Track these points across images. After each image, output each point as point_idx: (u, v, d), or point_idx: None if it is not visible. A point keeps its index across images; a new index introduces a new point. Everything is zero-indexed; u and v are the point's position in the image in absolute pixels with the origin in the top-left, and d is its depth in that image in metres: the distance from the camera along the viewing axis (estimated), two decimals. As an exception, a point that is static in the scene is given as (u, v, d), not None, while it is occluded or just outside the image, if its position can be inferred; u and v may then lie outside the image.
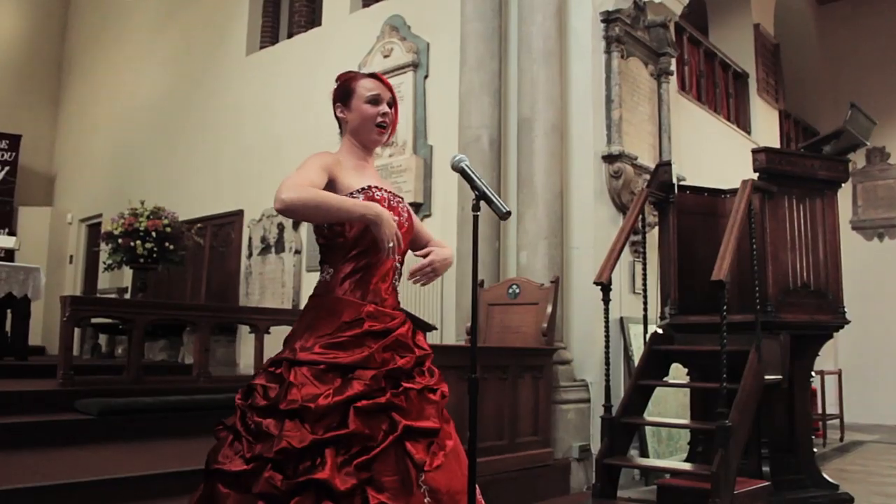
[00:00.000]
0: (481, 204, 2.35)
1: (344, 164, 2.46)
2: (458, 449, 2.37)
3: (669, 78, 7.19)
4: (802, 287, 5.27)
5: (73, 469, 4.22)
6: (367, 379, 2.24)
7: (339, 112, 2.54)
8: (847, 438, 9.13)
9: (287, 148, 8.60)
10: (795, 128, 11.57)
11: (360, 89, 2.51)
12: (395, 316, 2.44)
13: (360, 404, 2.20)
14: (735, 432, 4.39)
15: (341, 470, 2.11)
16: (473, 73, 6.28)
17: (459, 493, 2.23)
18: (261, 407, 2.28)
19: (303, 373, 2.26)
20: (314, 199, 2.25)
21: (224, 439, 2.35)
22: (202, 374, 6.64)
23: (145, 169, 11.06)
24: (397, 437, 2.19)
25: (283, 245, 8.30)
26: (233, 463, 2.24)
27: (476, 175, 2.37)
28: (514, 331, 5.55)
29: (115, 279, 10.86)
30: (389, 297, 2.47)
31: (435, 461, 2.23)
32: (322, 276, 2.50)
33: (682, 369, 5.78)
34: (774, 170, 5.25)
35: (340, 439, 2.15)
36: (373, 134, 2.52)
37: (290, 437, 2.15)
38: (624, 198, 6.25)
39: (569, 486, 5.51)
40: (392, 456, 2.18)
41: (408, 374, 2.33)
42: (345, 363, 2.27)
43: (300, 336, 2.39)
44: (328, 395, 2.20)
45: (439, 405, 2.37)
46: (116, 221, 8.15)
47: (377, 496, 2.10)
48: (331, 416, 2.18)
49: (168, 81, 11.03)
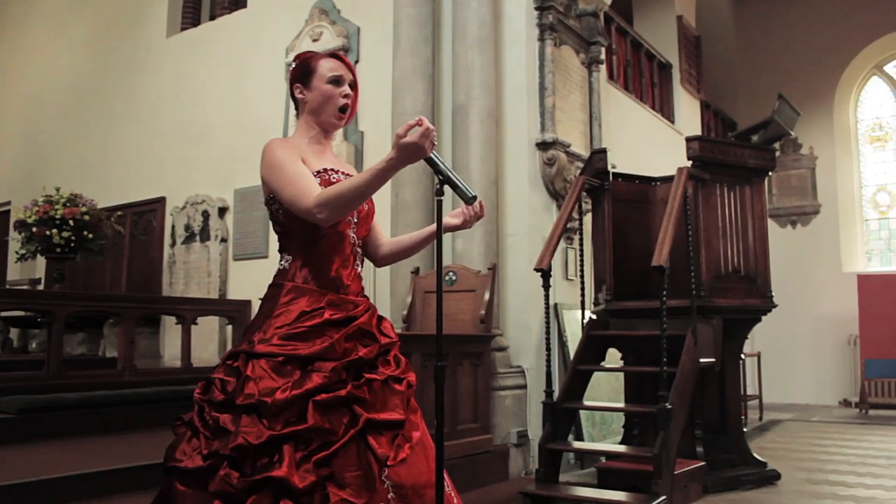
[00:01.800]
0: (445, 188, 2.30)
1: (303, 149, 2.38)
2: (426, 440, 2.30)
3: (600, 67, 7.26)
4: (733, 272, 5.43)
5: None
6: (327, 371, 2.15)
7: (297, 92, 2.43)
8: (765, 418, 9.46)
9: (212, 133, 8.38)
10: (715, 118, 11.89)
11: (322, 69, 2.42)
12: (358, 303, 2.36)
13: (319, 398, 2.11)
14: (675, 414, 4.47)
15: (300, 467, 2.03)
16: (407, 57, 6.21)
17: (426, 487, 2.16)
18: (218, 402, 2.19)
19: (261, 365, 2.17)
20: (343, 199, 2.18)
21: (182, 435, 2.25)
22: (127, 368, 6.41)
23: (58, 154, 10.59)
24: (359, 430, 2.12)
25: (209, 233, 8.08)
26: (190, 460, 2.15)
27: (439, 159, 2.32)
28: (451, 318, 5.52)
29: (26, 270, 10.39)
30: (352, 283, 2.40)
31: (400, 454, 2.16)
32: (280, 264, 2.41)
33: (617, 354, 5.88)
34: (707, 158, 5.37)
35: (299, 435, 2.07)
36: (332, 116, 2.43)
37: (247, 433, 2.06)
38: (557, 185, 6.29)
39: (507, 472, 5.52)
40: (353, 451, 2.10)
41: (371, 365, 2.25)
42: (304, 354, 2.18)
43: (259, 327, 2.30)
44: (286, 389, 2.11)
45: (405, 395, 2.30)
46: (30, 209, 7.77)
47: (338, 493, 2.03)
48: (289, 410, 2.09)
49: (82, 63, 10.57)
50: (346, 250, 2.38)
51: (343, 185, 2.21)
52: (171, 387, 6.19)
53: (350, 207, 2.25)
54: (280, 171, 2.27)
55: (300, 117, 2.47)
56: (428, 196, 6.08)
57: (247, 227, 7.81)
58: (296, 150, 2.34)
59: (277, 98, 7.66)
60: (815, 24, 12.14)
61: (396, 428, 2.20)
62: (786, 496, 5.09)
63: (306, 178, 2.26)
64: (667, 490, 4.29)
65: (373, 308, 2.41)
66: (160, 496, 2.20)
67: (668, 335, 4.60)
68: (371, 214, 2.51)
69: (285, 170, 2.27)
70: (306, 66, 2.44)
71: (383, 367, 2.29)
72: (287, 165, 2.28)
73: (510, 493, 5.00)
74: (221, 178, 8.12)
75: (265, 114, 7.78)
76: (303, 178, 2.25)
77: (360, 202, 2.27)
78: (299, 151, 2.35)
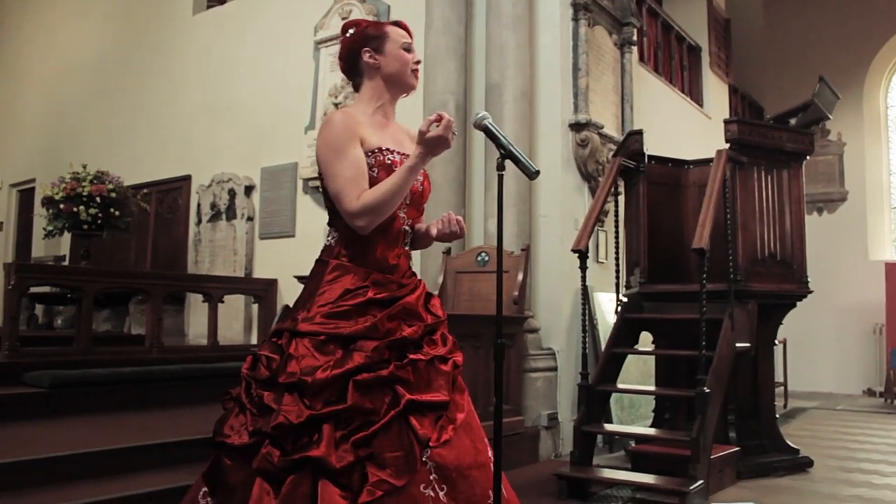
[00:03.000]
0: (506, 163, 2.26)
1: (363, 122, 2.33)
2: (471, 421, 2.27)
3: (632, 48, 7.18)
4: (770, 257, 5.35)
5: (27, 445, 4.03)
6: (368, 350, 2.13)
7: (368, 57, 2.38)
8: (789, 405, 9.40)
9: (238, 111, 8.35)
10: (742, 102, 11.76)
11: (394, 34, 2.40)
12: (404, 283, 2.33)
13: (360, 377, 2.09)
14: (713, 399, 4.43)
15: (338, 447, 2.01)
16: (440, 36, 6.15)
17: (470, 468, 2.14)
18: (263, 379, 2.18)
19: (304, 344, 2.15)
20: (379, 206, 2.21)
21: (230, 410, 2.24)
22: (155, 345, 6.43)
23: (83, 132, 10.60)
24: (400, 411, 2.09)
25: (235, 212, 8.06)
26: (237, 436, 2.14)
27: (501, 133, 2.28)
28: (483, 299, 5.50)
29: (51, 247, 10.42)
30: (399, 262, 2.36)
31: (443, 435, 2.13)
32: (327, 240, 2.38)
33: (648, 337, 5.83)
34: (745, 141, 5.29)
35: (339, 414, 2.05)
36: (411, 77, 2.41)
37: (288, 411, 2.05)
38: (590, 167, 6.24)
39: (538, 454, 5.51)
40: (395, 431, 2.07)
41: (416, 345, 2.22)
42: (346, 333, 2.16)
43: (303, 304, 2.28)
44: (327, 368, 2.09)
45: (450, 375, 2.27)
46: (57, 186, 7.78)
47: (378, 473, 2.01)
48: (329, 389, 2.07)
49: (108, 40, 10.55)
50: (393, 230, 2.34)
51: (382, 188, 2.22)
52: (197, 364, 6.21)
53: (389, 210, 2.25)
54: (334, 157, 2.25)
55: (366, 84, 2.42)
56: (459, 176, 6.03)
57: (273, 206, 7.78)
58: (356, 127, 2.29)
59: (305, 76, 7.61)
60: (846, 9, 11.97)
61: (440, 409, 2.18)
62: (820, 483, 5.04)
63: (355, 178, 2.22)
64: (704, 474, 4.25)
65: (421, 286, 2.38)
66: (211, 468, 2.18)
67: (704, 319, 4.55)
68: (426, 195, 2.47)
69: (338, 160, 2.24)
70: (377, 31, 2.41)
71: (429, 346, 2.26)
72: (341, 154, 2.24)
73: (542, 475, 4.99)
74: (248, 157, 8.09)
75: (292, 92, 7.73)
76: (352, 176, 2.22)
77: (397, 201, 2.26)
78: (358, 125, 2.30)
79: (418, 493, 2.03)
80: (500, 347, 2.25)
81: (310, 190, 7.43)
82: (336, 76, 7.31)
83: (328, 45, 7.48)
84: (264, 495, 2.00)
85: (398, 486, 2.00)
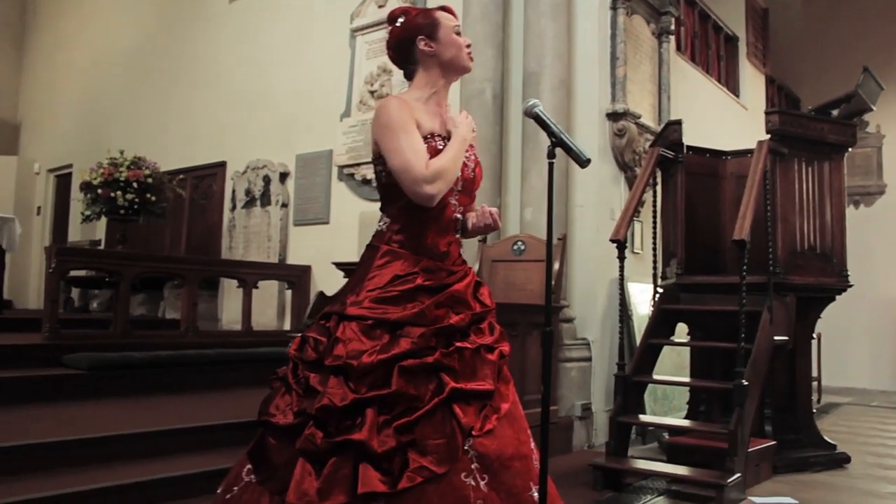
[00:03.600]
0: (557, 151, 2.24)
1: (417, 108, 2.33)
2: (515, 412, 2.25)
3: (669, 38, 7.12)
4: (809, 250, 5.29)
5: (67, 425, 4.11)
6: (415, 337, 2.12)
7: (423, 45, 2.37)
8: (823, 400, 9.30)
9: (274, 98, 8.38)
10: (779, 93, 11.63)
11: (445, 20, 2.40)
12: (454, 271, 2.32)
13: (405, 363, 2.08)
14: (751, 391, 4.39)
15: (381, 431, 2.01)
16: (477, 24, 6.12)
17: (512, 459, 2.12)
18: (310, 360, 2.19)
19: (351, 328, 2.15)
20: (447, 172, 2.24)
21: (277, 390, 2.25)
22: (190, 329, 6.50)
23: (119, 118, 10.71)
24: (444, 398, 2.08)
25: (270, 198, 8.10)
26: (282, 415, 2.15)
27: (551, 120, 2.27)
28: (519, 287, 5.49)
29: (86, 231, 10.56)
30: (450, 249, 2.36)
31: (486, 425, 2.12)
32: (379, 225, 2.39)
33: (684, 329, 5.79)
34: (786, 132, 5.22)
35: (383, 399, 2.05)
36: (466, 60, 2.43)
37: (332, 394, 2.05)
38: (626, 156, 6.19)
39: (571, 445, 5.50)
40: (438, 419, 2.06)
41: (462, 333, 2.21)
42: (393, 319, 2.16)
43: (352, 288, 2.28)
44: (373, 353, 2.09)
45: (496, 365, 2.26)
46: (95, 171, 7.88)
47: (419, 460, 2.00)
48: (374, 374, 2.07)
49: (145, 26, 10.65)
50: (444, 217, 2.34)
51: (447, 154, 2.25)
52: (232, 349, 6.27)
53: (454, 178, 2.28)
54: (392, 135, 2.24)
55: (420, 72, 2.42)
56: (495, 165, 6.02)
57: (308, 193, 7.81)
58: (410, 110, 2.30)
59: (341, 64, 7.62)
60: (887, -2, 11.76)
61: (484, 398, 2.16)
62: (858, 480, 4.98)
63: (418, 148, 2.23)
64: (741, 467, 4.22)
65: (470, 275, 2.37)
66: (255, 446, 2.19)
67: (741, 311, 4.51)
68: (477, 181, 2.46)
69: (397, 135, 2.23)
70: (431, 19, 2.40)
71: (476, 335, 2.25)
72: (399, 130, 2.24)
73: (575, 465, 4.98)
74: (283, 144, 8.13)
75: (328, 80, 7.75)
76: (418, 148, 2.23)
77: (458, 170, 2.30)
78: (414, 112, 2.30)
79: (459, 481, 2.02)
80: (548, 335, 2.24)
81: (345, 177, 7.45)
82: (372, 64, 7.32)
83: (364, 33, 7.48)
84: (306, 476, 2.00)
85: (439, 474, 2.00)
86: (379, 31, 7.27)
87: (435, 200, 2.22)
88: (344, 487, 1.97)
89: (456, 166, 2.27)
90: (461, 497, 2.01)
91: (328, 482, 1.98)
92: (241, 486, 2.15)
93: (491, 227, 2.45)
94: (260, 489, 2.10)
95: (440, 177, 2.20)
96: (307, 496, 1.97)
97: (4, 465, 3.46)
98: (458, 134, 2.30)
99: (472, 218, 2.43)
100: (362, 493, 1.94)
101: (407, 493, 1.97)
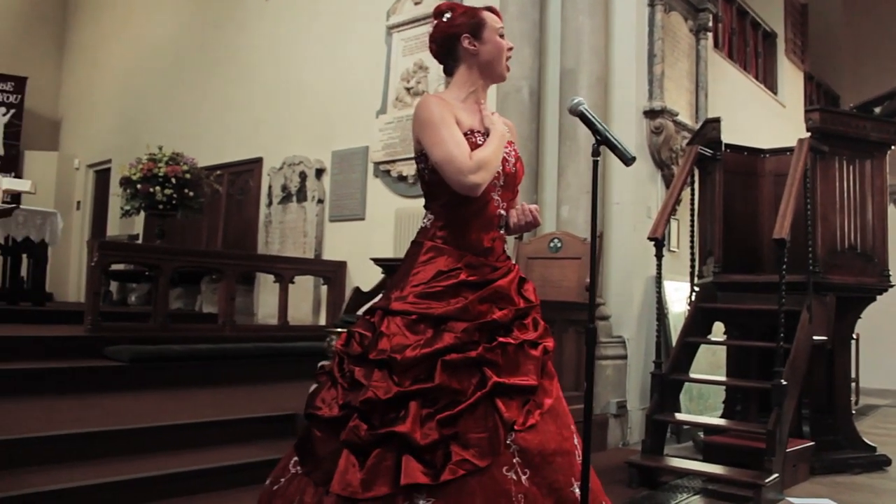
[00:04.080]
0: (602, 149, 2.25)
1: (456, 105, 2.35)
2: (559, 408, 2.26)
3: (707, 35, 7.06)
4: (849, 249, 5.23)
5: (109, 416, 4.20)
6: (458, 331, 2.15)
7: (467, 43, 2.39)
8: (861, 402, 9.18)
9: (310, 95, 8.44)
10: (818, 90, 11.48)
11: (490, 21, 2.42)
12: (498, 266, 2.34)
13: (448, 357, 2.11)
14: (789, 391, 4.36)
15: (424, 424, 2.04)
16: (514, 22, 6.11)
17: (554, 454, 2.13)
18: (355, 355, 2.22)
19: (395, 322, 2.19)
20: (489, 163, 2.27)
21: (323, 384, 2.29)
22: (228, 323, 6.58)
23: (157, 114, 10.86)
24: (486, 392, 2.10)
25: (306, 194, 8.17)
26: (328, 408, 2.18)
27: (597, 118, 2.27)
28: (555, 285, 5.49)
29: (125, 226, 10.73)
30: (494, 245, 2.38)
31: (529, 420, 2.13)
32: (423, 222, 2.41)
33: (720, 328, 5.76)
34: (827, 130, 5.17)
35: (426, 392, 2.07)
36: (503, 66, 2.43)
37: (377, 387, 2.08)
38: (663, 154, 6.17)
39: (606, 442, 5.50)
40: (481, 412, 2.08)
41: (506, 328, 2.24)
42: (437, 314, 2.18)
43: (397, 284, 2.31)
44: (416, 347, 2.12)
45: (540, 360, 2.27)
46: (134, 167, 8.00)
47: (462, 453, 2.02)
48: (418, 368, 2.10)
49: (182, 23, 10.78)
50: (487, 213, 2.35)
51: (489, 146, 2.28)
52: (268, 343, 6.34)
53: (495, 169, 2.30)
54: (433, 129, 2.26)
55: (461, 69, 2.43)
56: (532, 162, 6.02)
57: (344, 189, 7.86)
58: (449, 107, 2.32)
59: (377, 60, 7.65)
60: (929, -7, 11.56)
61: (528, 393, 2.18)
62: (898, 482, 4.93)
63: (460, 141, 2.25)
64: (779, 468, 4.19)
65: (514, 271, 2.38)
66: (302, 438, 2.23)
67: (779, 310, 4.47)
68: (519, 177, 2.47)
69: (438, 129, 2.25)
70: (477, 18, 2.41)
71: (519, 330, 2.27)
72: (440, 124, 2.26)
73: (611, 463, 4.97)
74: (319, 140, 8.19)
75: (364, 76, 7.79)
76: (460, 140, 2.25)
77: (499, 162, 2.32)
78: (453, 109, 2.32)
79: (500, 475, 2.04)
80: (592, 332, 2.25)
81: (380, 174, 7.49)
82: (408, 61, 7.34)
83: (400, 30, 7.51)
84: (350, 467, 2.03)
85: (481, 467, 2.02)
86: (415, 28, 7.30)
87: (479, 190, 2.23)
88: (387, 479, 2.00)
89: (497, 158, 2.29)
90: (502, 491, 2.02)
91: (371, 473, 2.00)
92: (288, 477, 2.19)
93: (532, 224, 2.43)
94: (305, 480, 2.14)
95: (483, 167, 2.22)
96: (350, 487, 2.00)
97: (51, 454, 3.56)
98: (497, 129, 2.33)
99: (513, 216, 2.44)
100: (405, 484, 1.96)
101: (449, 486, 1.99)
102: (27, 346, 5.26)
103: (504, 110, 6.00)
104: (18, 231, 7.34)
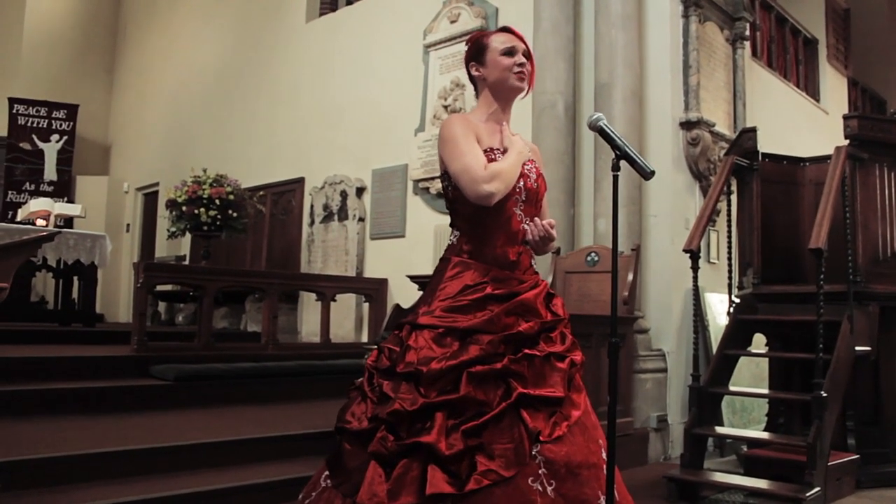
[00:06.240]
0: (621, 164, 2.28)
1: (479, 126, 2.44)
2: (587, 421, 2.28)
3: (744, 43, 7.01)
4: (893, 257, 5.14)
5: (155, 433, 4.29)
6: (483, 343, 2.20)
7: (474, 70, 2.53)
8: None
9: (349, 115, 8.56)
10: (863, 96, 11.29)
11: (494, 43, 2.51)
12: (524, 280, 2.39)
13: (473, 369, 2.16)
14: (830, 403, 4.30)
15: (449, 435, 2.08)
16: (548, 37, 6.15)
17: (581, 467, 2.15)
18: (384, 369, 2.30)
19: (423, 336, 2.25)
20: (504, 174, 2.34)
21: (353, 399, 2.36)
22: (270, 342, 6.68)
23: (202, 137, 11.09)
24: (511, 403, 2.14)
25: (347, 213, 8.27)
26: (357, 422, 2.25)
27: (616, 133, 2.31)
28: (592, 299, 5.49)
29: (172, 247, 10.96)
30: (520, 259, 2.42)
31: (556, 431, 2.16)
32: (450, 239, 2.51)
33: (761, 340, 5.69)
34: (866, 136, 5.10)
35: (452, 403, 2.12)
36: (513, 81, 2.48)
37: (403, 399, 2.14)
38: (701, 165, 6.13)
39: (647, 457, 5.46)
40: (506, 423, 2.12)
41: (532, 340, 2.27)
42: (463, 327, 2.24)
43: (425, 299, 2.38)
44: (442, 359, 2.18)
45: (567, 373, 2.30)
46: (180, 189, 8.18)
47: (487, 463, 2.06)
48: (444, 379, 2.15)
49: (225, 48, 11.02)
50: (511, 227, 2.40)
51: (506, 160, 2.36)
52: (311, 361, 6.41)
53: (512, 181, 2.37)
54: (453, 144, 2.36)
55: (479, 95, 2.55)
56: (568, 176, 6.03)
57: (384, 207, 7.95)
58: (471, 126, 2.41)
59: (415, 80, 7.74)
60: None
61: (554, 405, 2.21)
62: (948, 495, 4.80)
63: (478, 154, 2.33)
64: (821, 481, 4.13)
65: (542, 285, 2.42)
66: (334, 454, 2.29)
67: (822, 321, 4.41)
68: (541, 193, 2.52)
69: (458, 143, 2.35)
70: (478, 44, 2.54)
71: (546, 343, 2.31)
72: (460, 140, 2.36)
73: (651, 478, 4.94)
74: (359, 159, 8.29)
75: (402, 96, 7.88)
76: (478, 153, 2.34)
77: (516, 176, 2.39)
78: (474, 129, 2.40)
79: (526, 485, 2.07)
80: (615, 347, 2.26)
81: (420, 191, 7.56)
82: (445, 79, 7.42)
83: (437, 49, 7.59)
84: (377, 478, 2.09)
85: (506, 477, 2.05)
86: (451, 47, 7.37)
87: (494, 199, 2.29)
88: (412, 489, 2.04)
89: (513, 171, 2.36)
90: (528, 501, 2.05)
91: (397, 483, 2.05)
92: (318, 491, 2.25)
93: (547, 239, 2.43)
94: (334, 493, 2.20)
95: (496, 177, 2.29)
96: (377, 497, 2.06)
97: (98, 470, 3.65)
98: (515, 146, 2.41)
99: (528, 231, 2.43)
100: (430, 493, 2.01)
101: (474, 496, 2.02)
102: (75, 366, 5.39)
103: (539, 126, 6.03)
104: (69, 254, 7.55)
